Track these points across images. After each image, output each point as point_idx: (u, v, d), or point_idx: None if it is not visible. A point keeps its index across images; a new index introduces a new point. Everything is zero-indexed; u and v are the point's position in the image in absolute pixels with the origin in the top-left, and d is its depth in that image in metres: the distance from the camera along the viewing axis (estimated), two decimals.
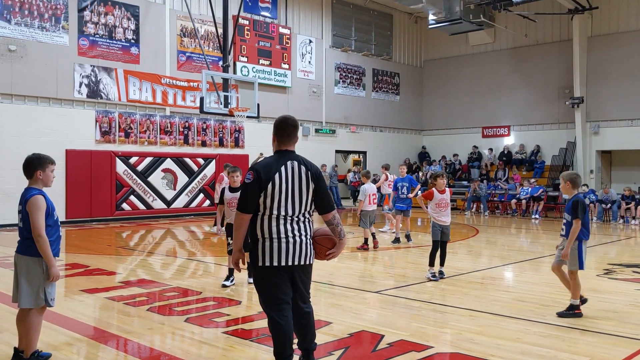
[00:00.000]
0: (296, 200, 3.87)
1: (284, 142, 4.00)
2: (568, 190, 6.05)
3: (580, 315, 5.85)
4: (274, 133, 4.02)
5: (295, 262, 3.86)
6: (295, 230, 3.87)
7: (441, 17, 20.26)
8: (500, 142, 24.14)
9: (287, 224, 3.85)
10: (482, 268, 9.16)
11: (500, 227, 16.47)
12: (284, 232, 3.84)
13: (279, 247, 3.82)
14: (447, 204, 7.91)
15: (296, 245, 3.86)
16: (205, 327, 5.48)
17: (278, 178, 3.81)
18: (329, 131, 22.66)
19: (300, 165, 3.91)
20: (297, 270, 3.92)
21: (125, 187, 16.83)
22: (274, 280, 3.87)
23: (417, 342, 4.97)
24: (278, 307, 3.88)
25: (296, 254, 3.86)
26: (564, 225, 6.05)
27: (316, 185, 3.94)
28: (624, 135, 20.83)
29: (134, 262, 9.96)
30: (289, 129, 4.00)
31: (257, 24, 20.09)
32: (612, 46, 21.02)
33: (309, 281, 4.08)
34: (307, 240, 3.94)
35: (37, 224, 4.17)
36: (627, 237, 13.99)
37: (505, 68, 23.94)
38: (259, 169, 3.83)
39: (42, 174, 4.33)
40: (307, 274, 4.04)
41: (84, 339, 5.10)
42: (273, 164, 3.87)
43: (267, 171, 3.82)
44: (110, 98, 16.56)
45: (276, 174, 3.81)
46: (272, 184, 3.79)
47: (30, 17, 15.07)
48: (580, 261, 5.88)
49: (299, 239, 3.87)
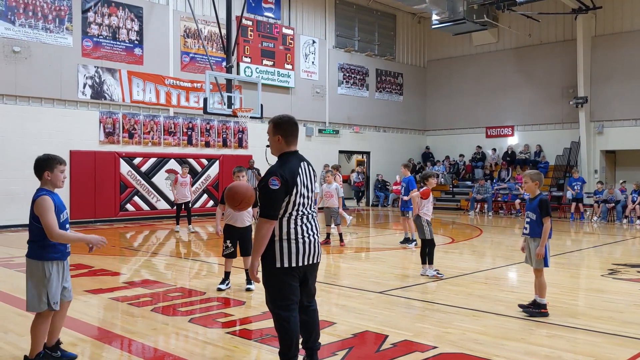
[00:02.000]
0: (310, 200, 3.96)
1: (292, 142, 3.97)
2: (534, 190, 6.07)
3: (547, 314, 5.85)
4: (279, 133, 3.91)
5: (307, 261, 3.91)
6: (308, 229, 3.92)
7: (444, 17, 20.24)
8: (504, 142, 24.10)
9: (303, 224, 3.90)
10: (486, 268, 9.14)
11: (504, 227, 16.44)
12: (300, 232, 3.87)
13: (296, 249, 3.84)
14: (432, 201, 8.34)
15: (311, 245, 3.92)
16: (209, 328, 5.49)
17: (300, 181, 3.85)
18: (333, 131, 22.66)
19: (308, 166, 3.99)
20: (309, 270, 3.98)
21: (129, 187, 16.87)
22: (287, 280, 3.85)
23: (421, 343, 4.97)
24: (287, 307, 3.87)
25: (310, 254, 3.92)
26: (527, 224, 6.06)
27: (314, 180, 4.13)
28: (628, 135, 20.76)
29: (138, 262, 9.98)
30: (294, 129, 4.00)
31: (261, 25, 20.10)
32: (616, 46, 20.96)
33: (315, 280, 4.14)
34: (318, 239, 4.03)
35: (49, 225, 4.10)
36: (632, 237, 13.95)
37: (509, 68, 23.89)
38: (285, 174, 3.78)
39: (50, 174, 4.26)
40: (316, 272, 4.12)
41: (89, 340, 5.11)
42: (294, 167, 3.86)
43: (292, 175, 3.80)
44: (114, 99, 16.60)
45: (297, 177, 3.84)
46: (296, 188, 3.82)
47: (34, 18, 15.12)
48: (545, 259, 5.98)
49: (312, 238, 3.94)
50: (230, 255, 7.20)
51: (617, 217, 17.56)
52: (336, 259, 10.00)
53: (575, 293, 7.59)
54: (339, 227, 11.50)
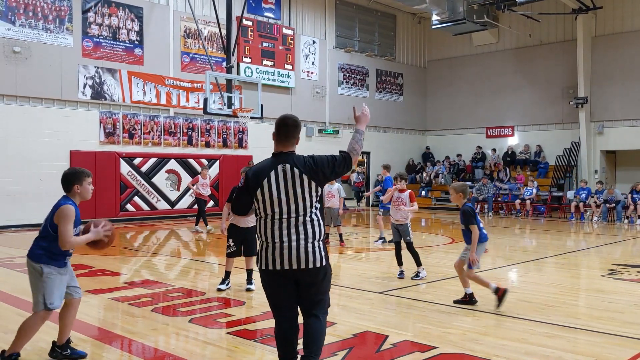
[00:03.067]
0: (291, 203, 3.66)
1: (281, 142, 3.79)
2: (459, 200, 6.39)
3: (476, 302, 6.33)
4: (274, 132, 3.86)
5: (294, 266, 3.65)
6: (293, 234, 3.66)
7: (445, 17, 20.24)
8: (504, 143, 24.10)
9: (285, 228, 3.67)
10: (486, 269, 9.13)
11: (504, 227, 16.43)
12: (278, 235, 3.67)
13: (274, 251, 3.68)
14: (403, 202, 8.09)
15: (293, 250, 3.65)
16: (209, 328, 5.49)
17: (267, 184, 3.67)
18: (333, 132, 22.66)
19: (293, 168, 3.68)
20: (301, 275, 3.70)
21: (129, 188, 16.87)
22: (272, 284, 3.77)
23: (421, 343, 4.97)
24: (276, 311, 3.82)
25: (293, 258, 3.64)
26: (462, 233, 6.47)
27: (316, 176, 3.70)
28: (628, 135, 20.77)
29: (138, 262, 9.98)
30: (285, 129, 3.79)
31: (261, 25, 20.11)
32: (616, 46, 20.96)
33: (318, 288, 3.78)
34: (309, 244, 3.68)
35: (65, 234, 4.20)
36: (633, 237, 13.94)
37: (509, 68, 23.90)
38: (249, 175, 3.75)
39: (79, 187, 4.36)
40: (314, 279, 3.74)
41: (89, 340, 5.11)
42: (263, 169, 3.73)
43: (256, 177, 3.71)
44: (115, 99, 16.61)
45: (265, 179, 3.67)
46: (261, 191, 3.68)
47: (34, 18, 15.13)
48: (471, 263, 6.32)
49: (296, 243, 3.65)
50: (233, 255, 7.21)
51: (617, 217, 17.55)
52: (336, 259, 10.00)
53: (575, 293, 7.59)
54: (339, 227, 11.52)
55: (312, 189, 3.70)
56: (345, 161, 3.87)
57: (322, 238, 3.77)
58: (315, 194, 3.72)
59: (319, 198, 3.76)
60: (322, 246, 3.75)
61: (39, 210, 15.13)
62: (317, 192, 3.74)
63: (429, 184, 24.09)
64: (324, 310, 3.85)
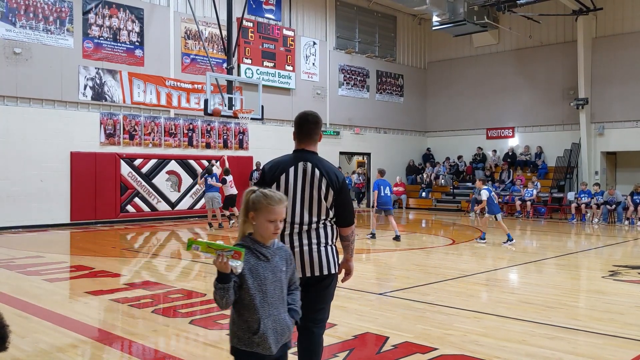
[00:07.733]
0: (305, 206, 3.47)
1: (302, 140, 3.62)
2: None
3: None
4: (294, 129, 3.71)
5: (307, 273, 3.45)
6: (305, 239, 3.47)
7: (445, 18, 20.24)
8: (504, 144, 24.09)
9: (296, 233, 3.48)
10: (487, 270, 9.14)
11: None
12: (289, 241, 3.45)
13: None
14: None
15: (306, 255, 3.45)
16: (210, 329, 5.49)
17: (284, 179, 3.50)
18: (333, 133, 22.66)
19: (314, 168, 3.50)
20: (312, 283, 3.47)
21: (129, 189, 16.87)
22: None
23: (421, 344, 4.96)
24: None
25: (307, 265, 3.45)
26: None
27: (337, 196, 3.50)
28: (629, 136, 20.75)
29: (139, 264, 9.98)
30: (307, 126, 3.62)
31: (261, 26, 20.11)
32: (617, 47, 20.96)
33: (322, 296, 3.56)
34: (322, 248, 3.49)
35: None
36: (633, 239, 13.93)
37: (510, 69, 23.90)
38: (266, 169, 3.62)
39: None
40: (324, 286, 3.54)
41: (89, 341, 5.10)
42: (282, 164, 3.54)
43: (272, 171, 3.57)
44: (115, 100, 16.61)
45: (282, 174, 3.51)
46: (277, 186, 3.48)
47: (35, 19, 15.13)
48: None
49: (308, 248, 3.46)
50: None
51: (618, 218, 17.54)
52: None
53: (576, 294, 7.58)
54: None
55: (329, 196, 3.50)
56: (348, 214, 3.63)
57: (334, 242, 3.61)
58: (331, 200, 3.51)
59: (331, 206, 3.54)
60: (334, 250, 3.59)
61: (40, 211, 15.20)
62: (332, 200, 3.52)
63: (429, 185, 24.08)
64: (322, 324, 3.64)
